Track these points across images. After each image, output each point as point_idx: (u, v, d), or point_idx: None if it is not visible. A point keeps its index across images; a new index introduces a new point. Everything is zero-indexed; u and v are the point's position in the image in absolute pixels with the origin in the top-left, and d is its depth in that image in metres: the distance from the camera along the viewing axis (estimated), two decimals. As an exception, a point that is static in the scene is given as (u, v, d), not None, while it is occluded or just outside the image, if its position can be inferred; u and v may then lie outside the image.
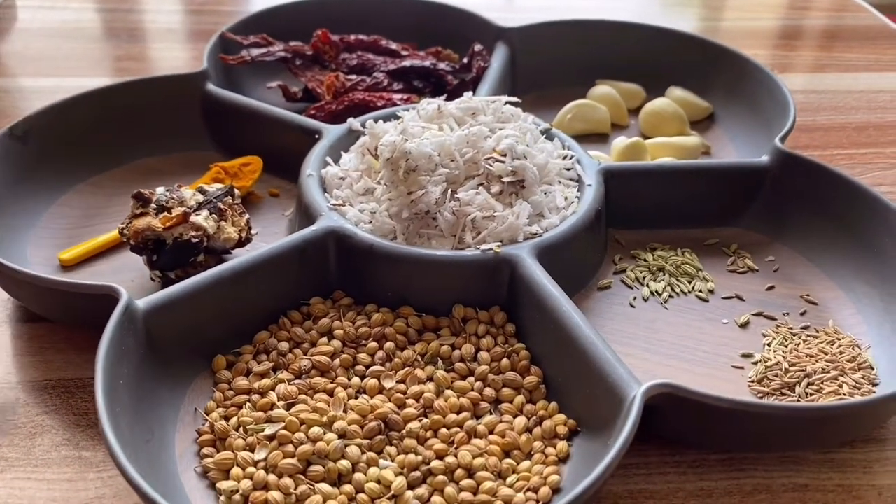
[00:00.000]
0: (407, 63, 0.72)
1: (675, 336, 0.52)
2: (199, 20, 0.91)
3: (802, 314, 0.54)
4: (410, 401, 0.45)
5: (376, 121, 0.59)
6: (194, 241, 0.51)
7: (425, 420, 0.44)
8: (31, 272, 0.47)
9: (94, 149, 0.62)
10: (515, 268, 0.49)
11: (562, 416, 0.45)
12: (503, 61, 0.72)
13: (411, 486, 0.41)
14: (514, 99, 0.60)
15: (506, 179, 0.53)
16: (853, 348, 0.50)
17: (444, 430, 0.44)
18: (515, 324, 0.50)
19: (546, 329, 0.47)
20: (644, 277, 0.56)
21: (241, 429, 0.43)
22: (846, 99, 0.69)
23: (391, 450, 0.43)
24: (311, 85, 0.71)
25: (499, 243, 0.50)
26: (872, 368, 0.49)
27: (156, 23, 0.90)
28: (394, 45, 0.75)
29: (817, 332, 0.52)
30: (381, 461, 0.42)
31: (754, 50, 0.74)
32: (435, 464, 0.42)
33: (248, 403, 0.45)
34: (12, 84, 0.77)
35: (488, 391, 0.46)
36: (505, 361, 0.48)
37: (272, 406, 0.44)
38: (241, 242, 0.53)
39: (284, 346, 0.48)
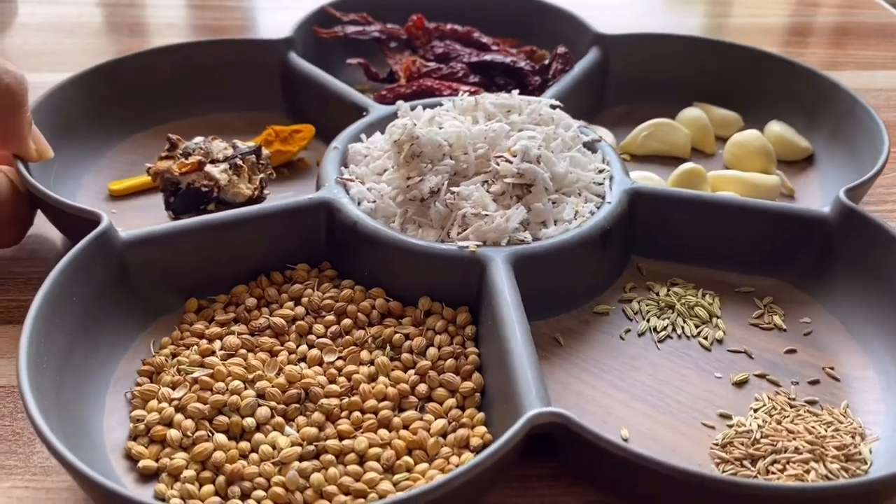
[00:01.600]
0: (488, 57, 0.71)
1: (654, 378, 0.47)
2: (200, 15, 0.90)
3: (813, 384, 0.47)
4: (342, 379, 0.45)
5: (424, 108, 0.59)
6: (204, 189, 0.54)
7: (346, 400, 0.44)
8: (32, 180, 0.51)
9: (174, 97, 0.66)
10: (485, 270, 0.47)
11: (482, 429, 0.43)
12: (594, 68, 0.69)
13: (302, 458, 0.41)
14: (556, 102, 0.57)
15: (509, 181, 0.51)
16: (852, 436, 0.43)
17: (356, 414, 0.43)
18: (479, 328, 0.48)
19: (494, 338, 0.44)
20: (648, 311, 0.51)
21: (176, 367, 0.45)
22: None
23: (301, 420, 0.43)
24: (395, 67, 0.72)
25: (479, 243, 0.49)
26: (865, 463, 0.42)
27: (156, 18, 0.90)
28: (485, 39, 0.74)
29: (821, 409, 0.45)
30: (288, 428, 0.43)
31: (765, 47, 0.72)
32: (330, 443, 0.41)
33: (195, 346, 0.47)
34: None
35: (422, 387, 0.45)
36: (451, 362, 0.46)
37: (213, 353, 0.46)
38: (252, 200, 0.55)
39: (252, 301, 0.50)
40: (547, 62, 0.70)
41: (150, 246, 0.48)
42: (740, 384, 0.47)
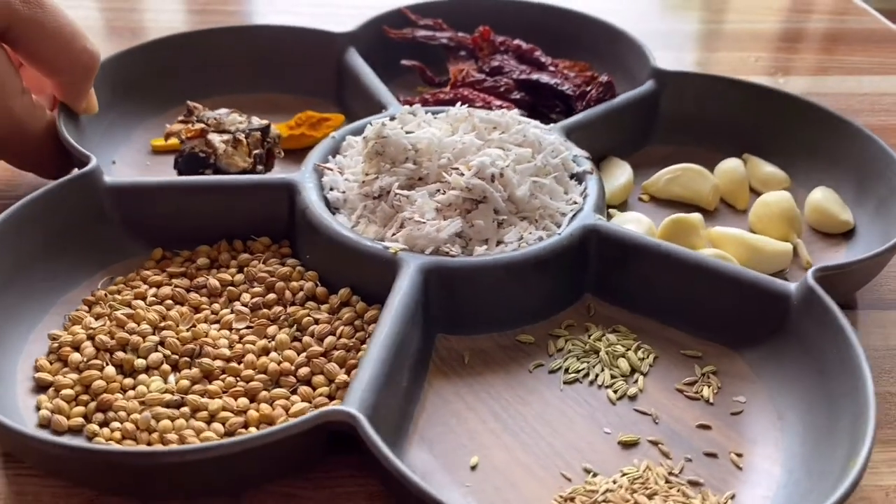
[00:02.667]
0: (535, 76, 0.70)
1: (538, 417, 0.46)
2: (202, 20, 0.90)
3: (709, 465, 0.43)
4: (238, 345, 0.48)
5: (436, 114, 0.60)
6: (202, 155, 0.59)
7: (229, 364, 0.47)
8: (59, 122, 0.57)
9: (235, 73, 0.72)
10: (398, 273, 0.48)
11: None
12: (641, 101, 0.67)
13: (168, 405, 0.44)
14: (544, 126, 0.56)
15: (455, 193, 0.51)
16: (705, 526, 0.39)
17: (230, 379, 0.46)
18: (386, 329, 0.49)
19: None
20: (570, 351, 0.49)
21: (109, 301, 0.50)
22: (849, 101, 0.69)
23: (186, 373, 0.46)
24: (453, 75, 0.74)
25: (403, 247, 0.49)
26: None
27: (157, 22, 0.90)
28: (545, 59, 0.73)
29: (698, 493, 0.41)
30: (171, 377, 0.46)
31: (756, 52, 0.76)
32: (191, 397, 0.44)
33: (108, 299, 0.51)
34: None
35: (304, 370, 0.47)
36: (341, 353, 0.47)
37: (144, 297, 0.51)
38: (246, 172, 0.59)
39: (203, 261, 0.54)
40: (588, 88, 0.68)
41: (129, 195, 0.54)
42: (627, 445, 0.44)
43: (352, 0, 0.94)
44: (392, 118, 0.58)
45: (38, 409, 0.44)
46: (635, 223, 0.57)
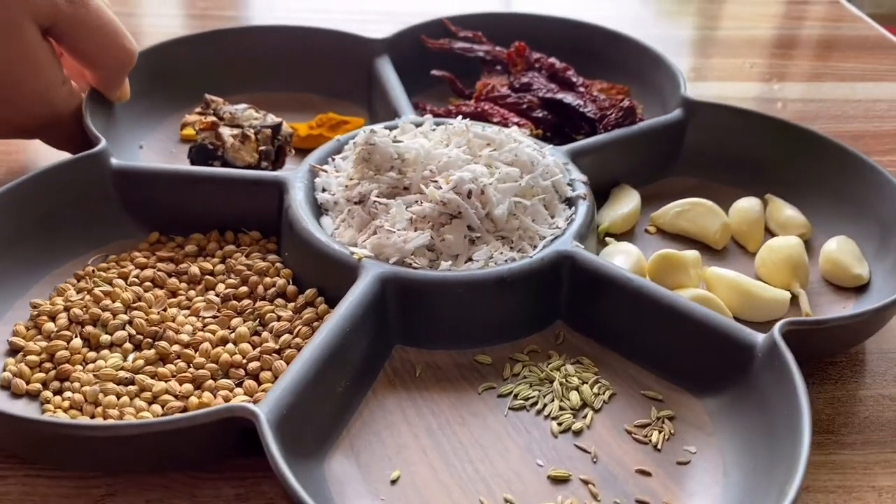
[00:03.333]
0: (560, 96, 0.69)
1: (473, 440, 0.45)
2: (201, 25, 0.90)
3: (629, 514, 0.41)
4: (200, 333, 0.49)
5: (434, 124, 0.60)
6: (211, 147, 0.61)
7: (184, 350, 0.48)
8: (84, 108, 0.60)
9: (271, 70, 0.74)
10: (355, 279, 0.48)
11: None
12: (667, 129, 0.65)
13: (120, 382, 0.46)
14: (543, 147, 0.55)
15: (429, 205, 0.51)
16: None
17: (182, 364, 0.47)
18: (342, 332, 0.49)
19: (322, 341, 0.46)
20: (525, 378, 0.48)
21: (94, 277, 0.53)
22: (843, 108, 0.72)
23: (144, 353, 0.48)
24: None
25: (369, 254, 0.50)
26: None
27: (156, 27, 0.90)
28: (577, 79, 0.72)
29: (615, 539, 0.40)
30: (131, 355, 0.48)
31: (751, 59, 0.80)
32: (140, 377, 0.46)
33: (94, 276, 0.53)
34: None
35: (254, 365, 0.48)
36: (292, 352, 0.48)
37: (127, 277, 0.53)
38: (251, 167, 0.61)
39: (192, 248, 0.56)
40: (609, 113, 0.66)
41: (131, 179, 0.57)
42: (556, 481, 0.43)
43: (384, 6, 0.97)
44: (391, 127, 0.58)
45: (3, 370, 0.47)
46: (624, 255, 0.55)
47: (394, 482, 0.43)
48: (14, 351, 0.49)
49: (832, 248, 0.57)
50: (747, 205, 0.61)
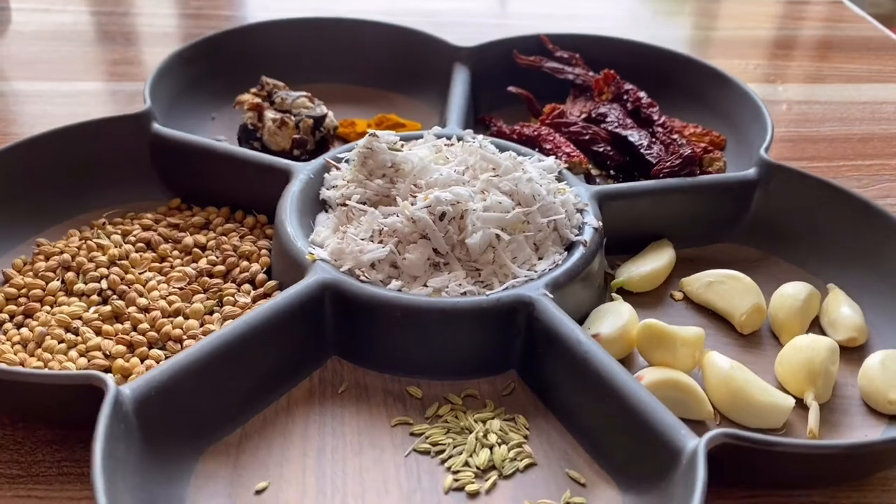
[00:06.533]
0: (624, 133, 0.63)
1: (357, 472, 0.42)
2: (196, 24, 0.89)
3: None
4: (161, 301, 0.50)
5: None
6: (251, 128, 0.62)
7: (137, 314, 0.49)
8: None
9: (358, 64, 0.75)
10: (303, 278, 0.47)
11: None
12: (733, 189, 0.57)
13: (65, 328, 0.48)
14: (574, 178, 0.52)
15: (397, 219, 0.48)
16: None
17: (127, 325, 0.48)
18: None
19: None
20: (445, 420, 0.44)
21: (99, 229, 0.56)
22: (849, 110, 0.72)
23: (102, 307, 0.50)
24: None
25: (325, 257, 0.48)
26: None
27: (151, 27, 0.89)
28: (659, 116, 0.65)
29: None
30: (93, 308, 0.50)
31: (751, 60, 0.80)
32: (84, 328, 0.48)
33: (105, 227, 0.56)
34: (7, 87, 0.75)
35: (188, 343, 0.48)
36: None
37: (127, 234, 0.55)
38: (284, 152, 0.62)
39: (199, 220, 0.57)
40: (674, 155, 0.59)
41: (166, 145, 0.59)
42: (419, 537, 0.39)
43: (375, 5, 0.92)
44: (411, 137, 0.56)
45: (-15, 296, 0.51)
46: (614, 316, 0.49)
47: (258, 492, 0.41)
48: (5, 281, 0.53)
49: (874, 362, 0.47)
50: (793, 291, 0.52)
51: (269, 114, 0.62)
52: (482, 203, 0.49)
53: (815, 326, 0.52)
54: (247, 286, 0.52)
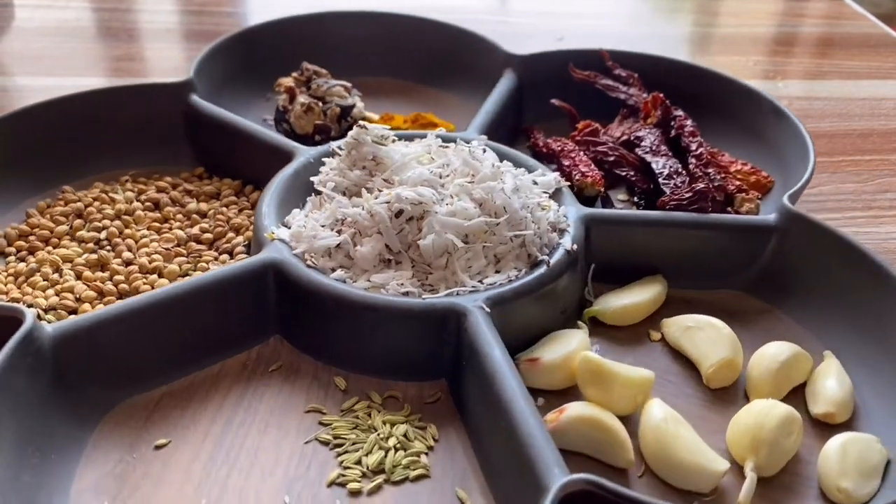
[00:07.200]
0: (648, 158, 0.59)
1: (253, 449, 0.42)
2: (199, 20, 0.88)
3: None
4: (144, 259, 0.53)
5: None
6: (281, 110, 0.64)
7: (117, 266, 0.52)
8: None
9: (410, 60, 0.75)
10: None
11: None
12: (742, 234, 0.53)
13: (53, 268, 0.52)
14: (535, 191, 0.50)
15: (357, 210, 0.48)
16: None
17: (101, 274, 0.52)
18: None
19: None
20: (354, 416, 0.44)
21: (119, 185, 0.60)
22: (849, 106, 0.73)
23: (90, 255, 0.53)
24: (610, 127, 0.67)
25: (283, 238, 0.49)
26: None
27: (154, 23, 0.88)
28: (696, 147, 0.60)
29: None
30: (91, 255, 0.54)
31: (752, 56, 0.83)
32: (66, 271, 0.51)
33: (126, 184, 0.60)
34: (10, 83, 0.76)
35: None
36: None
37: (139, 193, 0.59)
38: (306, 136, 0.63)
39: (211, 189, 0.60)
40: (680, 192, 0.55)
41: (198, 116, 0.62)
42: (283, 525, 0.39)
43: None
44: (414, 136, 0.56)
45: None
46: (562, 344, 0.47)
47: (157, 448, 0.42)
48: (25, 219, 0.58)
49: (835, 444, 0.42)
50: (774, 351, 0.47)
51: (301, 98, 0.64)
52: (448, 207, 0.48)
53: (800, 394, 0.47)
54: (225, 256, 0.54)
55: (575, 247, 0.50)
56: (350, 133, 0.53)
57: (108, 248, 0.54)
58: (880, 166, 0.69)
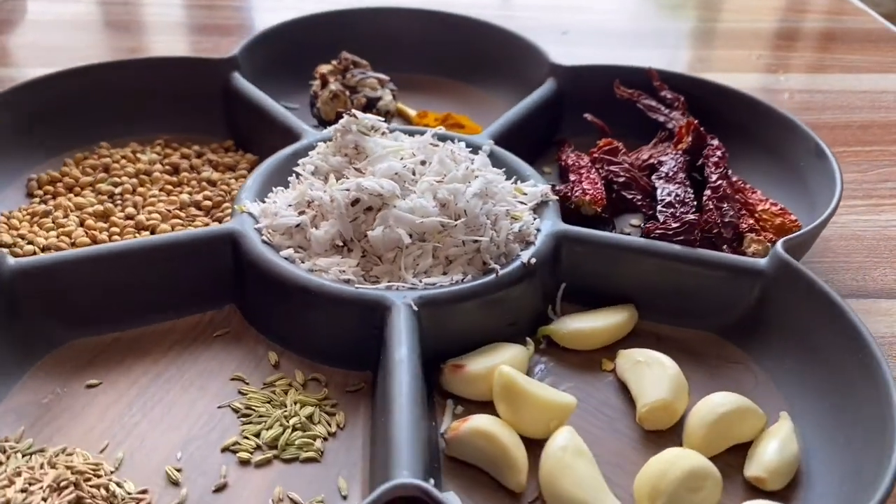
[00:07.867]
0: (659, 185, 0.56)
1: (170, 403, 0.44)
2: (205, 16, 0.89)
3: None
4: (144, 216, 0.56)
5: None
6: (313, 95, 0.66)
7: (118, 220, 0.56)
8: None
9: (459, 61, 0.76)
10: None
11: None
12: (729, 276, 0.49)
13: (64, 213, 0.57)
14: (507, 199, 0.50)
15: (321, 193, 0.49)
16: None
17: (101, 224, 0.55)
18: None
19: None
20: (271, 390, 0.45)
21: (147, 147, 0.64)
22: (850, 99, 0.75)
23: (98, 206, 0.57)
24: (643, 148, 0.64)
25: (252, 211, 0.51)
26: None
27: (163, 16, 0.90)
28: (716, 178, 0.56)
29: None
30: (109, 205, 0.58)
31: (755, 50, 0.85)
32: (73, 217, 0.56)
33: (156, 147, 0.64)
34: (20, 74, 0.77)
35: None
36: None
37: (163, 157, 0.63)
38: (328, 123, 0.65)
39: (230, 161, 0.63)
40: (672, 225, 0.52)
41: (234, 93, 0.65)
42: (170, 479, 0.40)
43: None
44: (416, 132, 0.56)
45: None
46: (494, 355, 0.45)
47: (88, 387, 0.45)
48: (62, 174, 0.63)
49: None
50: (718, 401, 0.43)
51: (332, 86, 0.66)
52: (409, 203, 0.48)
53: (744, 452, 0.43)
54: (215, 224, 0.57)
55: (533, 260, 0.48)
56: (340, 121, 0.55)
57: (119, 201, 0.59)
58: (880, 157, 0.71)
